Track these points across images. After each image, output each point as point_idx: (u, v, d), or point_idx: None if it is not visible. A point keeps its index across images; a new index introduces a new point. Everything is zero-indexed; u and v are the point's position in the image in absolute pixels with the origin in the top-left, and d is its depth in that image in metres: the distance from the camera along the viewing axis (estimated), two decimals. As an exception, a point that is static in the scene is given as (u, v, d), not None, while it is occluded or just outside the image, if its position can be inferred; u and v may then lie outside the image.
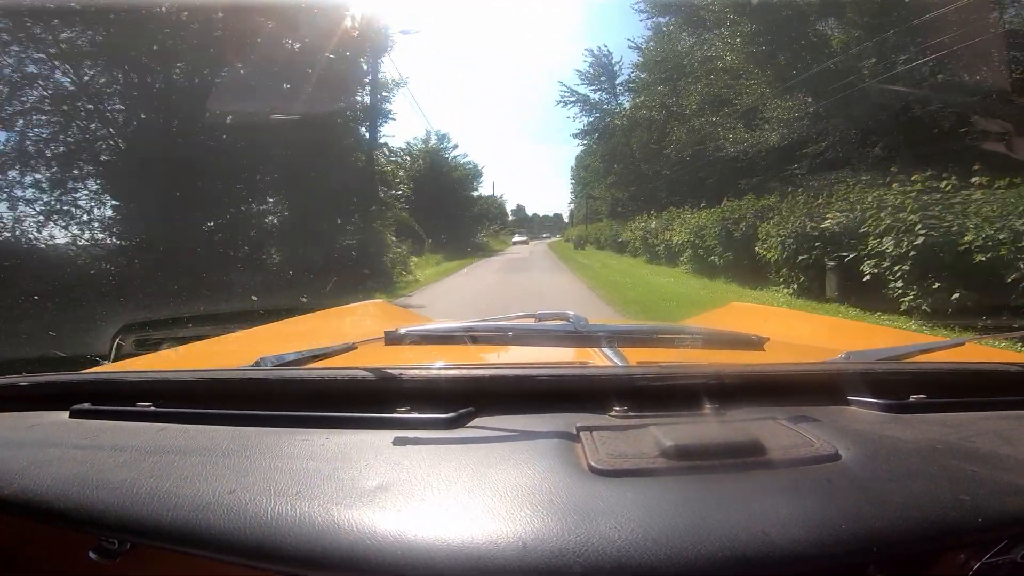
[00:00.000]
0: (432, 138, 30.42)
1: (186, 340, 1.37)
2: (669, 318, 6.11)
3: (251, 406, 0.68)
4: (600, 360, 0.86)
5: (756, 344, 0.97)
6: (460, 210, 29.91)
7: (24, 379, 0.80)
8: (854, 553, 0.44)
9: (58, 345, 4.93)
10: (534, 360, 0.93)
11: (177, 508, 0.50)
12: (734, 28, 15.22)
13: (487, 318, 0.99)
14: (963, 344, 0.99)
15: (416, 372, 0.68)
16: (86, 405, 0.73)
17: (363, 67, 12.41)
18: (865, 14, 11.84)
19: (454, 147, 31.85)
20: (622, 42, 60.47)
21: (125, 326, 1.61)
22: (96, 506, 0.52)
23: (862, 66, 12.02)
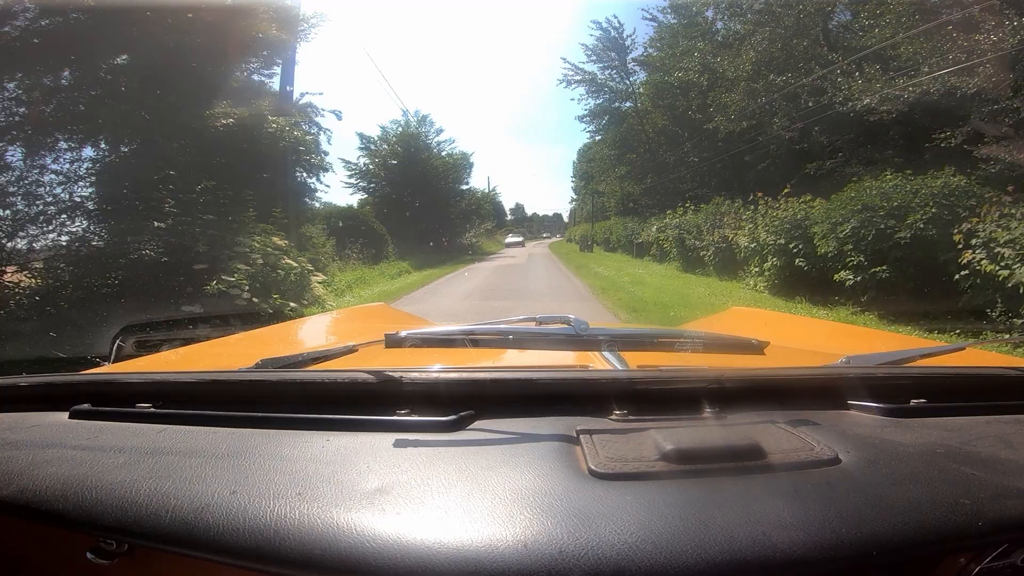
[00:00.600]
0: (411, 121, 24.93)
1: (186, 341, 1.37)
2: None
3: (251, 408, 0.68)
4: (600, 364, 0.86)
5: (756, 348, 0.97)
6: (444, 206, 25.22)
7: (24, 379, 0.80)
8: (855, 557, 0.44)
9: (58, 346, 4.91)
10: (534, 363, 0.93)
11: (176, 510, 0.50)
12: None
13: (488, 321, 0.99)
14: (963, 349, 0.99)
15: (416, 375, 0.68)
16: (86, 406, 0.73)
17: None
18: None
19: (438, 131, 26.39)
20: (634, 13, 48.19)
21: (125, 327, 1.61)
22: (95, 507, 0.52)
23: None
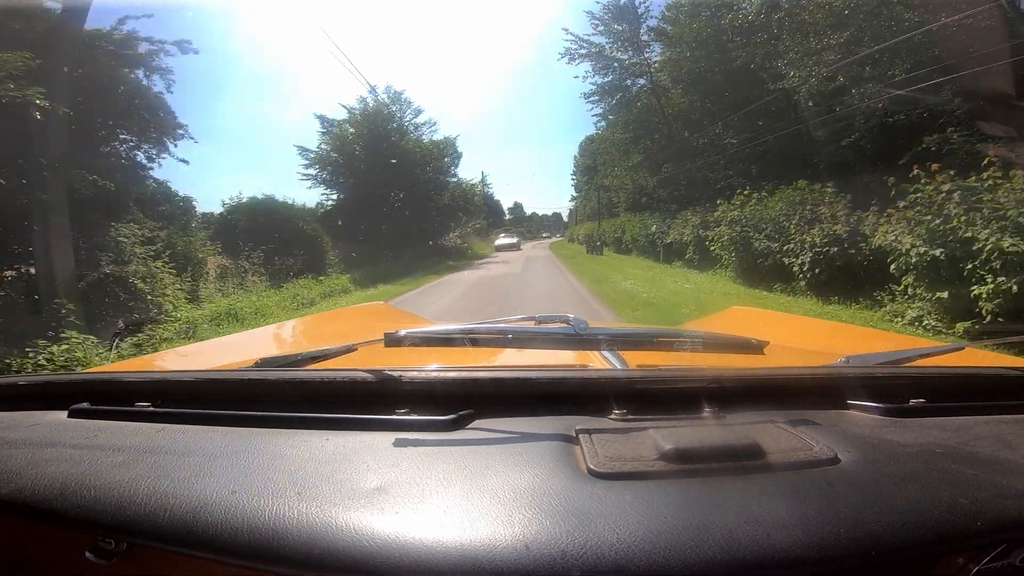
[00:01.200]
0: (381, 100, 19.99)
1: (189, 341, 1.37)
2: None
3: (250, 407, 0.68)
4: (600, 363, 0.86)
5: (756, 348, 0.97)
6: (423, 200, 20.51)
7: (23, 378, 0.80)
8: (854, 557, 0.44)
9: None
10: (534, 363, 0.93)
11: (175, 509, 0.50)
12: None
13: (487, 320, 0.99)
14: (962, 348, 0.99)
15: (416, 374, 0.68)
16: (85, 405, 0.72)
17: None
18: None
19: (415, 112, 21.66)
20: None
21: (126, 327, 1.61)
22: (94, 506, 0.52)
23: None
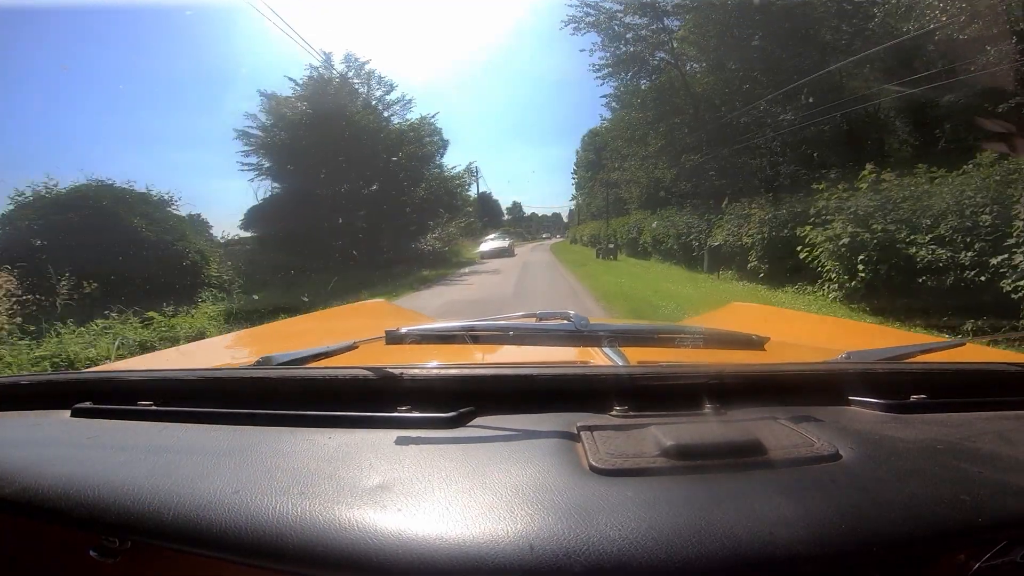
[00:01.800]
0: (336, 70, 16.42)
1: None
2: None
3: (252, 405, 0.68)
4: (601, 359, 0.86)
5: (757, 344, 0.97)
6: (391, 192, 16.74)
7: (25, 377, 0.81)
8: (855, 553, 0.44)
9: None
10: (535, 359, 0.93)
11: (178, 507, 0.50)
12: None
13: (488, 317, 0.99)
14: (963, 344, 0.99)
15: (417, 371, 0.68)
16: (87, 404, 0.73)
17: None
18: None
19: (386, 87, 17.75)
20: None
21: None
22: (97, 505, 0.52)
23: None
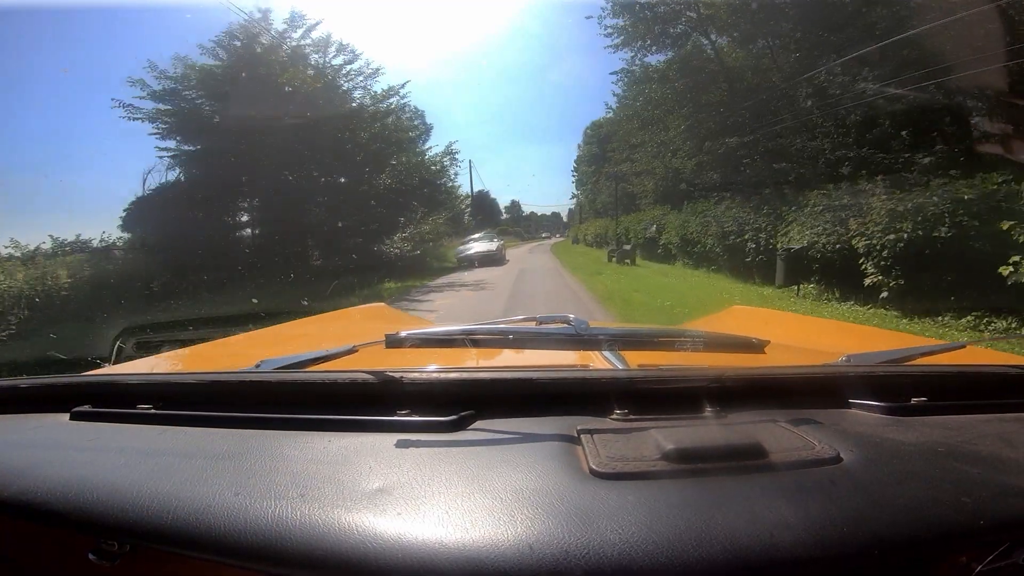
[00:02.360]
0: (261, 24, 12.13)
1: (187, 343, 1.38)
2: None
3: (251, 409, 0.68)
4: (601, 363, 0.86)
5: (757, 347, 0.97)
6: (351, 182, 14.12)
7: (24, 381, 0.80)
8: (856, 556, 0.44)
9: (59, 347, 4.92)
10: (535, 363, 0.93)
11: (177, 510, 0.50)
12: None
13: (488, 321, 0.99)
14: (964, 347, 0.99)
15: (417, 375, 0.68)
16: (86, 407, 0.72)
17: None
18: None
19: (349, 55, 14.07)
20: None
21: (126, 329, 1.62)
22: (96, 508, 0.52)
23: None
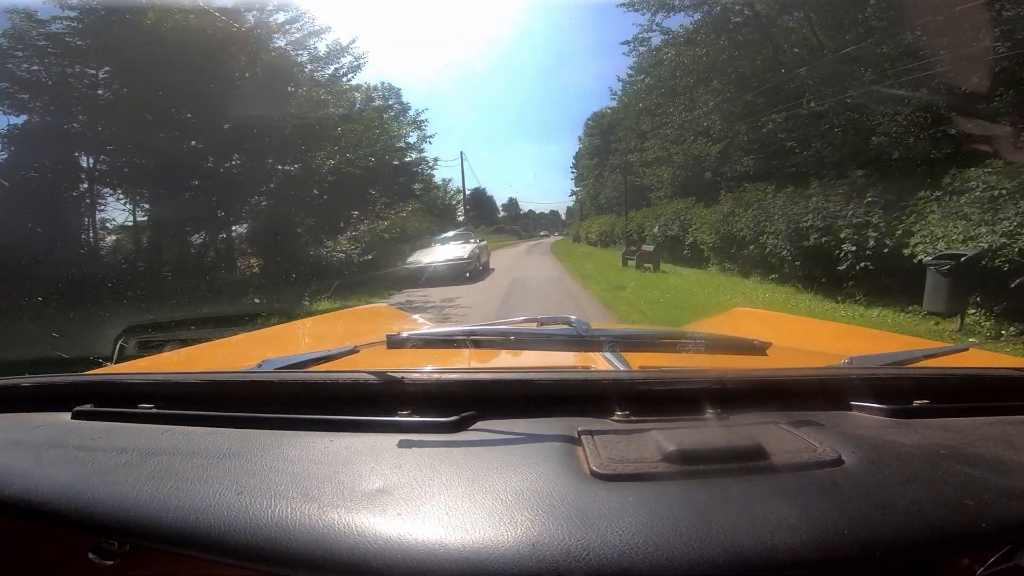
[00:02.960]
0: None
1: (189, 342, 1.38)
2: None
3: (253, 408, 0.68)
4: (602, 364, 0.86)
5: (759, 349, 0.96)
6: (273, 162, 11.61)
7: (26, 380, 0.81)
8: (858, 558, 0.44)
9: (61, 346, 4.94)
10: (536, 364, 0.93)
11: (178, 510, 0.50)
12: None
13: (489, 322, 0.99)
14: (967, 349, 0.99)
15: (418, 375, 0.68)
16: (88, 406, 0.73)
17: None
18: None
19: (290, 16, 11.69)
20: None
21: (128, 328, 1.62)
22: (97, 507, 0.52)
23: None
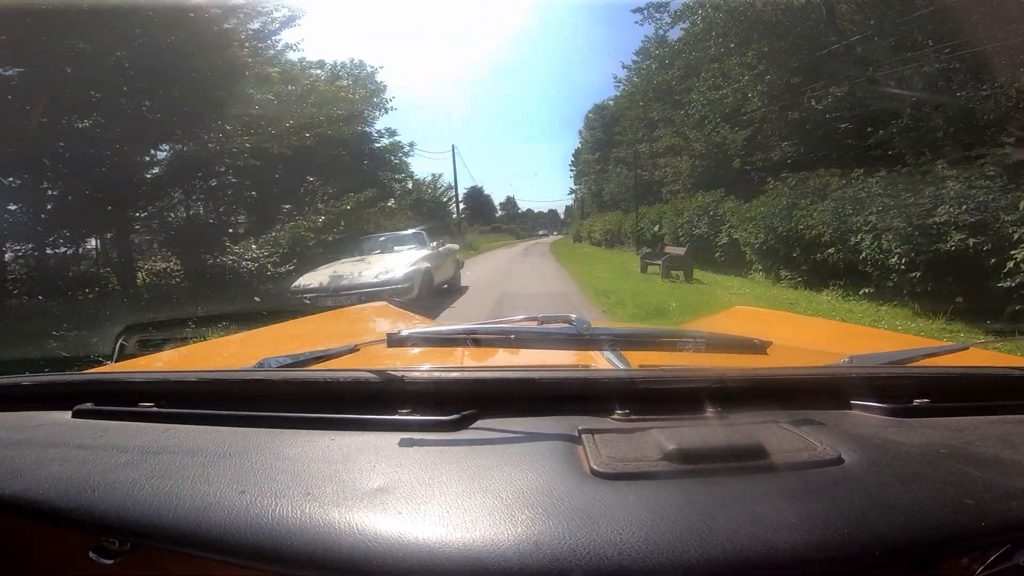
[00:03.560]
0: None
1: (189, 341, 1.38)
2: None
3: (254, 407, 0.68)
4: (602, 363, 0.86)
5: (759, 348, 0.96)
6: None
7: (27, 379, 0.81)
8: (857, 557, 0.44)
9: (62, 345, 4.94)
10: (536, 363, 0.93)
11: (179, 509, 0.50)
12: None
13: (490, 321, 0.99)
14: (967, 348, 0.99)
15: (419, 374, 0.68)
16: (89, 405, 0.73)
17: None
18: None
19: None
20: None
21: (129, 327, 1.62)
22: (97, 506, 0.52)
23: None
